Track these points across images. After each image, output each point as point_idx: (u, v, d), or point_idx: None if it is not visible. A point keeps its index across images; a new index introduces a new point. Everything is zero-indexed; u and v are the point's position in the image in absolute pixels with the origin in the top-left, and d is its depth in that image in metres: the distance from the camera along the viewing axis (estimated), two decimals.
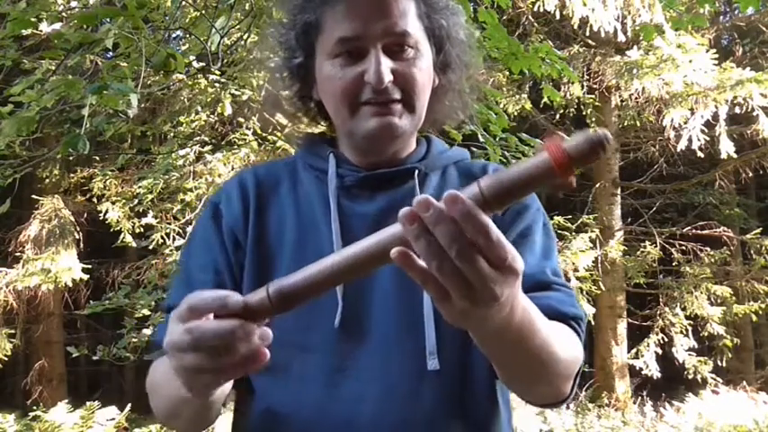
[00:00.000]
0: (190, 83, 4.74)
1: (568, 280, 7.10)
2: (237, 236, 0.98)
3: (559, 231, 7.11)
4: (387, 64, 0.92)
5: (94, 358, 5.01)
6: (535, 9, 5.86)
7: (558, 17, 6.10)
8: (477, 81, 1.12)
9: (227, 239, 0.98)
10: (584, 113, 8.48)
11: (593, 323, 7.80)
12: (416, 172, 0.99)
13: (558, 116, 8.79)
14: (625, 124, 8.55)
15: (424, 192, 0.99)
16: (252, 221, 0.99)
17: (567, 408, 7.49)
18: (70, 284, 7.08)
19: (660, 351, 8.24)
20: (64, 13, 2.61)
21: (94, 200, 6.72)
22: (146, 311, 4.98)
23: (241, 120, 5.18)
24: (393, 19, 0.93)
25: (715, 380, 8.04)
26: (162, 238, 5.48)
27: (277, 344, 0.81)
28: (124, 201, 5.93)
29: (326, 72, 0.96)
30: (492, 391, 0.95)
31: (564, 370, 0.85)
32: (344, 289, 0.91)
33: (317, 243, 0.95)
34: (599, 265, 7.96)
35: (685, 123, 7.14)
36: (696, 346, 8.18)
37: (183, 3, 3.36)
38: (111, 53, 2.94)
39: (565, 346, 0.85)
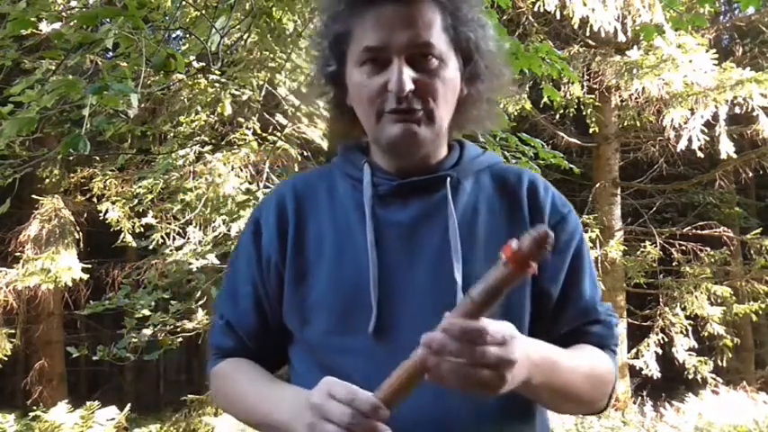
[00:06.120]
0: (190, 83, 4.74)
1: None
2: (272, 255, 1.06)
3: None
4: (408, 74, 0.97)
5: (94, 358, 5.00)
6: (535, 9, 5.84)
7: (558, 17, 6.09)
8: (508, 91, 1.18)
9: (264, 256, 1.07)
10: (584, 113, 8.47)
11: None
12: (448, 179, 1.03)
13: (558, 116, 8.79)
14: (625, 124, 8.54)
15: (456, 199, 1.03)
16: (291, 237, 1.05)
17: None
18: (70, 284, 7.10)
19: (660, 351, 8.23)
20: (64, 13, 2.62)
21: (94, 200, 6.72)
22: (146, 311, 4.97)
23: (241, 120, 5.18)
24: (417, 30, 0.97)
25: (715, 380, 8.02)
26: (162, 238, 5.47)
27: (321, 345, 1.01)
28: (124, 201, 5.94)
29: (355, 80, 1.02)
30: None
31: (592, 393, 1.01)
32: (379, 295, 0.96)
33: (354, 252, 1.01)
34: (599, 265, 7.95)
35: (685, 123, 7.13)
36: (696, 346, 8.17)
37: (183, 3, 3.36)
38: (111, 53, 2.94)
39: (593, 372, 1.00)
